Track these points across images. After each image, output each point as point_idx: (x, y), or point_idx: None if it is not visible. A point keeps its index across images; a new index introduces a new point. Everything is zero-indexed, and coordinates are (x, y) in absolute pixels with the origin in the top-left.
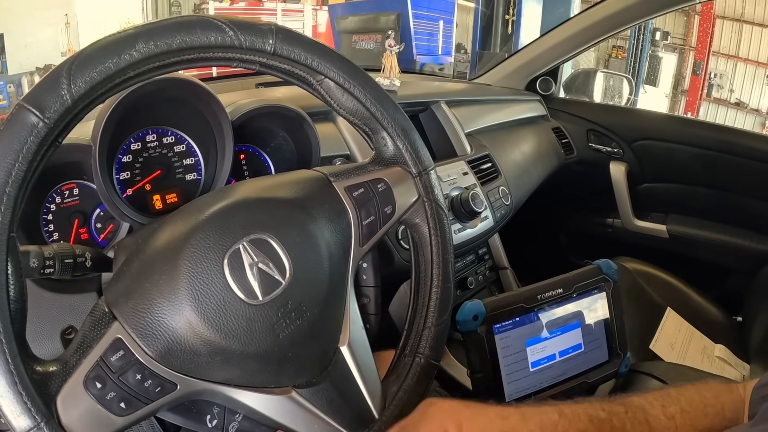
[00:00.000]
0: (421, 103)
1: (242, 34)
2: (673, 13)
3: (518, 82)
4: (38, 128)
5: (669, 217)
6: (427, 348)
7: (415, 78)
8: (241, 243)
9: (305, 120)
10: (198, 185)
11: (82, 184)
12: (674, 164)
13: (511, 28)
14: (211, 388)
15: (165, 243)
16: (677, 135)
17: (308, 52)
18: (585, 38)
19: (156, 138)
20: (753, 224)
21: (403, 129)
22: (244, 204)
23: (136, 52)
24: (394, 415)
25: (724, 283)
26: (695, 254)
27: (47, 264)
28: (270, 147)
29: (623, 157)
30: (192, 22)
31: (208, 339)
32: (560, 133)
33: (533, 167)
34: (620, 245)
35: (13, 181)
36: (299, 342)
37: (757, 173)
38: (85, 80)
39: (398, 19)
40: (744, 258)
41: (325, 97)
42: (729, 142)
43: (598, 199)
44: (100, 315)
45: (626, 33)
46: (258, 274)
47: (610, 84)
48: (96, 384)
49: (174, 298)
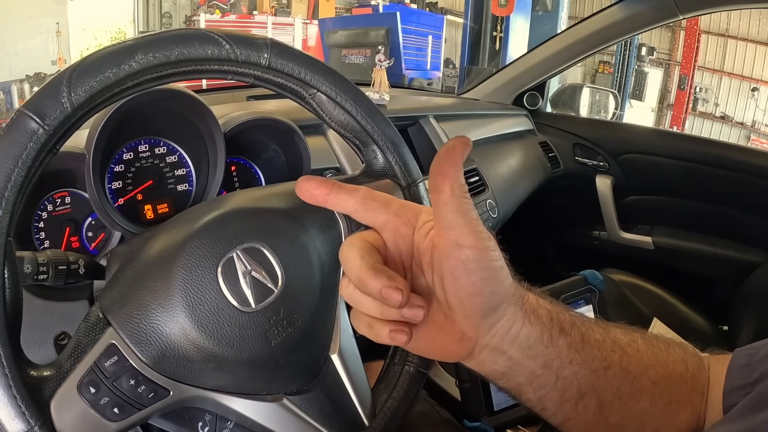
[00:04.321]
0: (410, 117)
1: (238, 47)
2: (659, 28)
3: (506, 97)
4: (38, 134)
5: (654, 228)
6: (416, 357)
7: (404, 92)
8: (234, 251)
9: (296, 133)
10: (189, 196)
11: (74, 192)
12: (659, 177)
13: (499, 44)
14: (203, 395)
15: (160, 251)
16: (662, 148)
17: (302, 67)
18: (571, 54)
19: (148, 148)
20: (738, 235)
21: (392, 142)
22: (237, 213)
23: (135, 63)
24: (383, 422)
25: (710, 293)
26: (681, 265)
27: (41, 270)
28: (261, 159)
29: (609, 171)
30: (190, 35)
31: (201, 345)
32: (547, 147)
33: (520, 181)
34: (607, 257)
35: (12, 186)
36: (291, 349)
37: (740, 185)
38: (85, 89)
39: (388, 34)
40: (729, 268)
41: (317, 111)
42: (713, 154)
43: (584, 211)
44: (95, 321)
45: (613, 48)
46: (251, 282)
47: (597, 99)
48: (90, 389)
49: (168, 305)
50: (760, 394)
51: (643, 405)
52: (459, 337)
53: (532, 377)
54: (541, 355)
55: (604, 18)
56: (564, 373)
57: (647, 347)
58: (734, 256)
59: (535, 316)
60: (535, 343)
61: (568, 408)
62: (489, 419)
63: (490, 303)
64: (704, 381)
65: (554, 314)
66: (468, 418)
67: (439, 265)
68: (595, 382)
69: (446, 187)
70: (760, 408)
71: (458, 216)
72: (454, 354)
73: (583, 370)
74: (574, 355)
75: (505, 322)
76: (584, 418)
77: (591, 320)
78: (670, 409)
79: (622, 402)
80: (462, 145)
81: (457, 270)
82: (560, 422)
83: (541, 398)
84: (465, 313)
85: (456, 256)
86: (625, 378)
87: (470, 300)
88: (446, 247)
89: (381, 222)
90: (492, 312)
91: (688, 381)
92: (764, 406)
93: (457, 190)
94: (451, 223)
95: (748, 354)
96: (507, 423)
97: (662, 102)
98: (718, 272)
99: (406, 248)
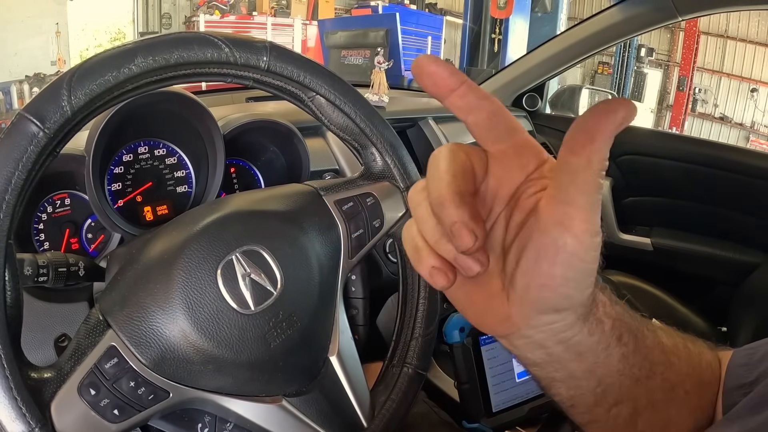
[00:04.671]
0: (409, 119)
1: (237, 50)
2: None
3: (505, 98)
4: (38, 138)
5: (653, 230)
6: (415, 358)
7: (404, 94)
8: (234, 254)
9: (295, 134)
10: (189, 198)
11: (73, 194)
12: (658, 178)
13: (497, 46)
14: (202, 397)
15: (159, 253)
16: (660, 150)
17: (301, 69)
18: (570, 55)
19: (148, 150)
20: (737, 236)
21: (391, 145)
22: (237, 216)
23: (135, 66)
24: (382, 424)
25: (709, 295)
26: (680, 266)
27: (41, 272)
28: (260, 161)
29: (608, 172)
30: (190, 39)
31: (201, 347)
32: (546, 148)
33: None
34: (605, 258)
35: (12, 189)
36: (290, 351)
37: (739, 186)
38: (85, 92)
39: (387, 35)
40: (728, 269)
41: (316, 113)
42: (712, 156)
43: None
44: (95, 323)
45: (612, 49)
46: (250, 285)
47: (596, 100)
48: (90, 390)
49: (168, 307)
50: (759, 395)
51: (671, 412)
52: (503, 317)
53: (570, 377)
54: (589, 361)
55: (603, 19)
56: (608, 380)
57: (687, 355)
58: (733, 258)
59: (597, 325)
60: (587, 351)
61: (600, 412)
62: (488, 420)
63: (557, 305)
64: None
65: (616, 322)
66: (467, 419)
67: (529, 235)
68: (635, 389)
69: (586, 152)
70: (759, 409)
71: (581, 194)
72: (489, 328)
73: (627, 380)
74: (623, 364)
75: (561, 326)
76: (613, 423)
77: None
78: (694, 416)
79: (654, 410)
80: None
81: (545, 253)
82: (585, 422)
83: (573, 397)
84: (524, 300)
85: (553, 237)
86: (663, 387)
87: (538, 291)
88: (548, 220)
89: (499, 149)
90: (553, 313)
91: (714, 387)
92: (762, 407)
93: (597, 163)
94: (569, 197)
95: (747, 354)
96: (506, 424)
97: (661, 103)
98: (717, 273)
99: (506, 191)
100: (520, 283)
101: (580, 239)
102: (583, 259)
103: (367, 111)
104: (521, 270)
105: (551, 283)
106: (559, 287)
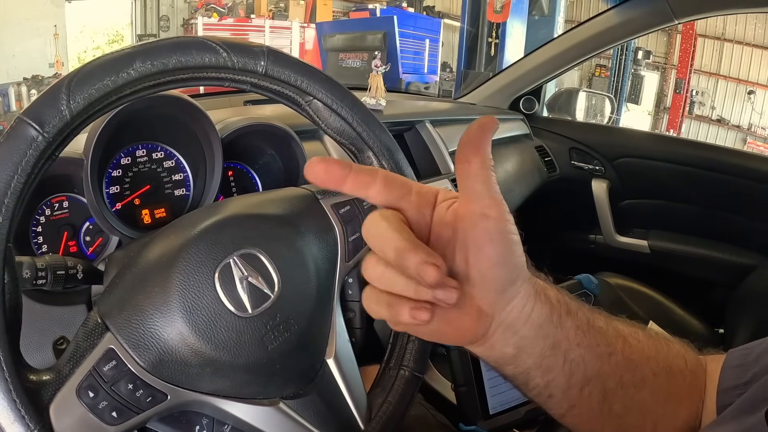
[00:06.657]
0: (407, 122)
1: (235, 55)
2: (655, 32)
3: (502, 101)
4: (37, 142)
5: (650, 232)
6: (412, 361)
7: (401, 97)
8: (231, 257)
9: (293, 138)
10: (187, 201)
11: (72, 197)
12: (655, 181)
13: (495, 50)
14: (200, 399)
15: (158, 256)
16: (657, 152)
17: (298, 74)
18: (567, 58)
19: (146, 153)
20: (733, 238)
21: (388, 149)
22: (234, 220)
23: (133, 71)
24: (379, 426)
25: (706, 297)
26: (677, 268)
27: (39, 275)
28: (258, 164)
29: (605, 175)
30: (188, 43)
31: (198, 350)
32: (543, 151)
33: (516, 185)
34: (603, 261)
35: (11, 193)
36: (287, 354)
37: (736, 188)
38: (83, 96)
39: (385, 38)
40: (725, 271)
41: (313, 117)
42: (708, 158)
43: (580, 215)
44: (93, 326)
45: (609, 52)
46: (248, 288)
47: (593, 103)
48: (89, 393)
49: (166, 310)
50: (754, 395)
51: (644, 395)
52: (476, 315)
53: (541, 359)
54: (551, 335)
55: (600, 23)
56: (571, 355)
57: (648, 340)
58: (730, 260)
59: (545, 295)
60: (545, 322)
61: (574, 394)
62: (485, 423)
63: (510, 275)
64: (702, 379)
65: (560, 296)
66: (464, 421)
67: (464, 235)
68: (600, 367)
69: (477, 158)
70: (753, 409)
71: (486, 188)
72: (470, 333)
73: (588, 354)
74: (581, 337)
75: (520, 300)
76: (588, 406)
77: (594, 309)
78: (670, 403)
79: (624, 391)
80: (493, 123)
81: (483, 239)
82: (565, 410)
83: (549, 383)
84: (485, 286)
85: (482, 227)
86: (628, 366)
87: (492, 271)
88: (473, 217)
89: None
90: (509, 286)
91: (687, 377)
92: (757, 407)
93: (486, 162)
94: (478, 194)
95: (742, 354)
96: (503, 426)
97: (659, 105)
98: (713, 275)
99: (425, 226)
100: (476, 275)
101: (501, 218)
102: (510, 231)
103: (363, 115)
104: (472, 264)
105: (499, 259)
106: (506, 260)
